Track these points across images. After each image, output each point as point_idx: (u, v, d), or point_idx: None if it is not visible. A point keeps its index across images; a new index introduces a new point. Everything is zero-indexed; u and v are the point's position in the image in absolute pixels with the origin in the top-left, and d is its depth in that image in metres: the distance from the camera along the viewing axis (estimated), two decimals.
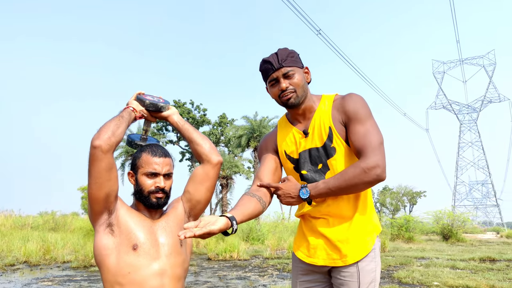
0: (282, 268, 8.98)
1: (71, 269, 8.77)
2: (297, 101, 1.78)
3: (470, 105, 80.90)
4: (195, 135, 1.90)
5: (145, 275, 1.63)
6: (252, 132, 23.16)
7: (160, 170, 1.73)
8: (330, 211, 1.76)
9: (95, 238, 1.68)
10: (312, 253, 1.80)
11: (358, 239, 1.72)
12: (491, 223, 73.88)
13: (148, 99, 1.85)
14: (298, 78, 1.78)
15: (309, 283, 1.85)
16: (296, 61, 1.81)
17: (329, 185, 1.65)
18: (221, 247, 11.56)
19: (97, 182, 1.60)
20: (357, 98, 1.76)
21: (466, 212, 23.45)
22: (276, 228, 20.19)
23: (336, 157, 1.76)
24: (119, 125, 1.65)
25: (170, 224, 1.77)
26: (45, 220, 18.85)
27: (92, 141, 1.58)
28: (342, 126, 1.75)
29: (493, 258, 11.19)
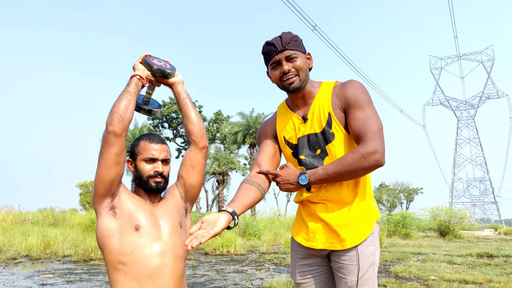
0: (279, 263, 9.05)
1: (72, 263, 8.84)
2: (299, 85, 1.78)
3: (467, 102, 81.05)
4: (192, 113, 1.93)
5: (147, 255, 1.69)
6: (247, 129, 23.18)
7: (158, 156, 1.82)
8: (329, 196, 1.79)
9: (97, 221, 1.74)
10: (311, 237, 1.83)
11: (357, 224, 1.74)
12: (489, 220, 74.20)
13: (156, 64, 1.84)
14: (301, 62, 1.79)
15: (308, 266, 1.88)
16: (299, 46, 1.81)
17: (328, 171, 1.67)
18: (218, 242, 11.63)
19: (107, 164, 1.67)
20: (357, 85, 1.77)
21: (464, 209, 23.57)
22: (272, 224, 20.27)
23: (334, 142, 1.77)
24: (128, 105, 1.72)
25: (169, 207, 1.84)
26: (45, 216, 18.90)
27: (106, 126, 1.67)
28: (341, 112, 1.76)
29: (490, 254, 11.25)
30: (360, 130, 1.67)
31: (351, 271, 1.72)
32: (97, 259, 9.39)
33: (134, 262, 1.67)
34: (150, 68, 1.84)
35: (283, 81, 1.80)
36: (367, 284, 1.72)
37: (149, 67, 1.84)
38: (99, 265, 8.44)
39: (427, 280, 6.50)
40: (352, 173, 1.64)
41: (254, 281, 6.64)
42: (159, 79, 1.91)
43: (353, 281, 1.72)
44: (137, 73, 1.82)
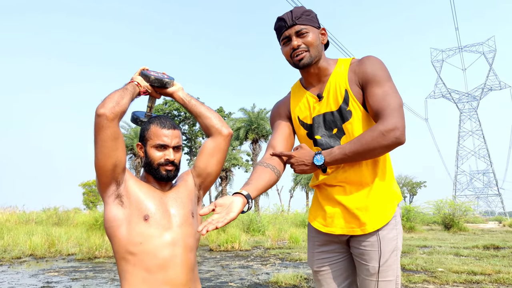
0: (284, 257, 9.01)
1: (76, 261, 8.81)
2: (309, 61, 1.71)
3: (470, 94, 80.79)
4: (203, 109, 1.88)
5: (157, 245, 1.62)
6: (250, 124, 23.12)
7: (169, 142, 1.72)
8: (347, 178, 1.70)
9: (104, 210, 1.67)
10: (329, 222, 1.75)
11: (377, 207, 1.66)
12: (493, 212, 74.08)
13: (153, 75, 1.81)
14: (312, 37, 1.71)
15: (327, 253, 1.80)
16: (312, 20, 1.73)
17: (345, 151, 1.58)
18: (223, 238, 11.61)
19: (103, 151, 1.58)
20: (375, 60, 1.68)
21: (468, 202, 23.48)
22: (276, 219, 20.26)
23: (351, 121, 1.68)
24: (123, 96, 1.63)
25: (180, 196, 1.76)
26: (49, 216, 18.92)
27: (96, 109, 1.56)
28: (358, 88, 1.68)
29: (497, 246, 11.21)
30: (379, 107, 1.58)
31: (372, 257, 1.64)
32: (102, 256, 9.37)
33: (144, 252, 1.61)
34: (148, 78, 1.79)
35: (293, 58, 1.73)
36: (391, 270, 1.65)
37: (147, 78, 1.80)
38: (104, 263, 8.41)
39: (435, 272, 6.45)
40: (371, 152, 1.56)
41: (260, 276, 6.60)
42: (158, 90, 1.86)
43: (375, 268, 1.64)
44: (135, 80, 1.77)
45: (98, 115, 1.55)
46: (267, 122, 22.86)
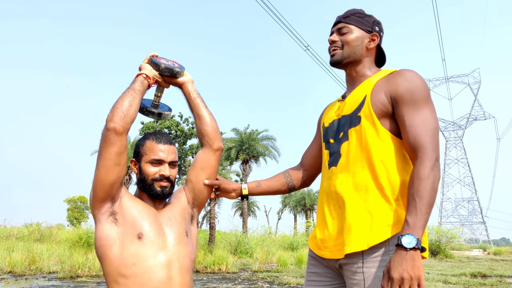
0: (273, 281, 8.85)
1: (57, 280, 8.53)
2: (339, 58, 1.65)
3: (455, 122, 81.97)
4: (205, 112, 1.82)
5: (151, 266, 1.53)
6: (241, 145, 23.09)
7: (165, 158, 1.67)
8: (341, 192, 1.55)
9: (96, 228, 1.59)
10: (321, 244, 1.61)
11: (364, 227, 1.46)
12: (477, 240, 74.32)
13: (163, 63, 1.74)
14: (352, 37, 1.65)
15: (318, 276, 1.63)
16: (361, 22, 1.67)
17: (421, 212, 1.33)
18: (209, 259, 11.41)
19: (106, 164, 1.53)
20: (416, 76, 1.50)
21: (454, 229, 23.56)
22: (263, 242, 20.03)
23: (358, 128, 1.53)
24: (132, 102, 1.59)
25: (174, 214, 1.69)
26: (31, 231, 18.43)
27: (106, 122, 1.52)
28: (385, 98, 1.51)
29: (484, 274, 11.18)
30: (417, 136, 1.43)
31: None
32: (85, 276, 9.10)
33: (137, 274, 1.51)
34: (158, 67, 1.73)
35: (330, 54, 1.70)
36: None
37: (156, 67, 1.73)
38: (87, 282, 8.16)
39: None
40: (435, 193, 1.37)
41: None
42: (167, 79, 1.79)
43: None
44: (143, 72, 1.71)
45: (107, 129, 1.51)
46: (258, 143, 22.85)
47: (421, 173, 1.36)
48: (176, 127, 40.49)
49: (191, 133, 42.04)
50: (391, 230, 1.42)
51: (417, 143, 1.42)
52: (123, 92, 1.62)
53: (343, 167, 1.56)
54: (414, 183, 1.36)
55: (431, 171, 1.36)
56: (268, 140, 23.51)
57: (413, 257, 1.27)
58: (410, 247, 1.27)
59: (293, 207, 44.34)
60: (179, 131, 40.24)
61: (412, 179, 1.38)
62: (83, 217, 46.87)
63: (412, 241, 1.28)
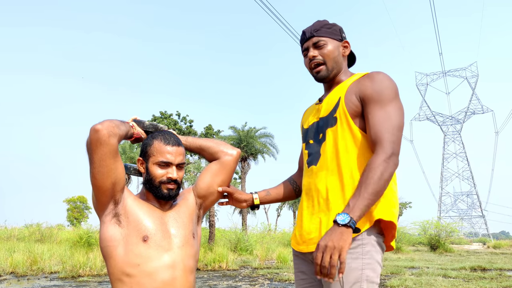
0: (273, 278, 8.89)
1: (59, 279, 8.56)
2: (326, 74, 1.71)
3: (453, 117, 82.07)
4: (202, 141, 1.84)
5: (156, 267, 1.55)
6: (239, 143, 23.10)
7: (173, 160, 1.63)
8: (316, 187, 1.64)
9: (100, 229, 1.60)
10: (300, 240, 1.67)
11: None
12: (477, 234, 74.53)
13: (146, 121, 1.77)
14: (330, 49, 1.70)
15: (304, 274, 1.70)
16: (332, 33, 1.72)
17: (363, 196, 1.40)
18: (210, 257, 11.44)
19: (101, 171, 1.49)
20: (384, 77, 1.59)
21: (453, 223, 23.64)
22: (263, 239, 20.08)
23: (334, 128, 1.62)
24: (122, 124, 1.59)
25: (181, 215, 1.69)
26: (31, 232, 18.43)
27: (93, 126, 1.46)
28: (356, 99, 1.60)
29: (483, 267, 11.25)
30: (378, 131, 1.51)
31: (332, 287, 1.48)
32: (86, 275, 9.13)
33: (142, 274, 1.53)
34: (142, 125, 1.75)
35: (312, 69, 1.74)
36: None
37: (141, 124, 1.75)
38: (88, 282, 8.19)
39: None
40: (386, 184, 1.44)
41: None
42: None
43: None
44: (130, 122, 1.71)
45: (95, 130, 1.45)
46: (257, 141, 22.87)
47: (373, 163, 1.44)
48: (174, 126, 40.43)
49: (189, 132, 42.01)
50: (365, 224, 1.50)
51: (377, 138, 1.50)
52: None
53: (322, 165, 1.64)
54: (364, 172, 1.45)
55: (382, 162, 1.43)
56: (266, 137, 23.55)
57: (342, 232, 1.35)
58: (342, 223, 1.36)
59: (292, 204, 44.41)
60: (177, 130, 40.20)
61: (364, 168, 1.46)
62: (83, 217, 46.86)
63: (346, 219, 1.36)
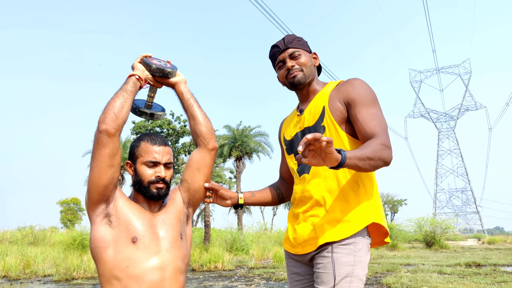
0: (269, 277, 8.85)
1: (53, 283, 8.47)
2: (303, 80, 1.78)
3: (447, 113, 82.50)
4: (198, 113, 1.82)
5: (145, 269, 1.55)
6: (234, 142, 23.04)
7: (160, 159, 1.66)
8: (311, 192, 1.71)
9: (91, 229, 1.59)
10: (294, 242, 1.77)
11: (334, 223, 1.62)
12: (472, 230, 74.97)
13: (155, 64, 1.73)
14: (305, 59, 1.80)
15: (298, 276, 1.79)
16: (303, 45, 1.83)
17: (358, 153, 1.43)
18: (205, 257, 11.39)
19: (99, 166, 1.53)
20: (363, 83, 1.71)
21: (448, 219, 23.73)
22: (259, 238, 20.04)
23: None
24: (124, 104, 1.59)
25: (169, 217, 1.69)
26: (24, 235, 18.27)
27: (98, 124, 1.53)
28: (341, 105, 1.68)
29: (478, 263, 11.29)
30: (370, 128, 1.59)
31: (323, 280, 1.55)
32: (80, 278, 9.05)
33: (130, 277, 1.52)
34: (149, 67, 1.73)
35: (288, 78, 1.80)
36: None
37: (148, 67, 1.73)
38: (82, 284, 8.11)
39: None
40: (375, 162, 1.48)
41: None
42: (159, 80, 1.79)
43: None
44: (135, 73, 1.71)
45: (99, 131, 1.52)
46: (251, 140, 22.80)
47: (373, 141, 1.52)
48: (168, 126, 40.28)
49: (183, 131, 41.88)
50: (359, 225, 1.60)
51: (371, 132, 1.58)
52: (115, 93, 1.62)
53: (314, 173, 1.70)
54: (368, 142, 1.52)
55: (380, 144, 1.50)
56: (261, 136, 23.50)
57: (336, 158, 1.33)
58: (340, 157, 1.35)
59: (288, 203, 44.36)
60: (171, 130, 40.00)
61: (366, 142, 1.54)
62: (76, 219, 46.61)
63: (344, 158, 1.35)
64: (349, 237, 1.59)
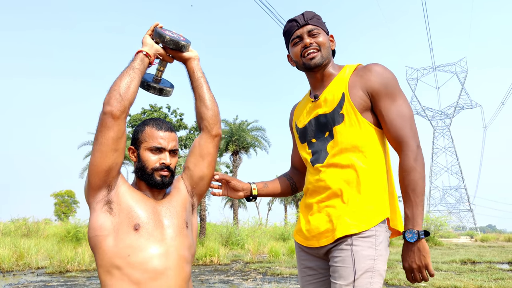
0: (265, 272, 8.81)
1: (46, 275, 8.39)
2: (320, 61, 1.66)
3: (443, 111, 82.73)
4: (207, 95, 1.72)
5: (147, 257, 1.45)
6: (230, 136, 22.92)
7: (165, 145, 1.57)
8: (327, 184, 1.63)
9: (90, 217, 1.50)
10: (309, 235, 1.66)
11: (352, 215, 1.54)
12: (465, 227, 75.43)
13: (168, 35, 1.62)
14: (324, 39, 1.68)
15: (311, 270, 1.68)
16: (322, 24, 1.73)
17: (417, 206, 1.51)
18: (201, 251, 11.35)
19: (102, 149, 1.44)
20: (385, 70, 1.61)
21: (442, 216, 23.81)
22: (254, 233, 20.02)
23: (342, 125, 1.59)
24: (130, 83, 1.49)
25: (174, 205, 1.60)
26: (17, 226, 18.09)
27: (103, 105, 1.43)
28: (363, 94, 1.59)
29: (473, 260, 11.34)
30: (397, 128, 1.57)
31: (342, 274, 1.45)
32: (74, 270, 8.96)
33: (132, 265, 1.43)
34: (162, 38, 1.61)
35: (304, 57, 1.67)
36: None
37: (161, 38, 1.62)
38: (76, 277, 8.02)
39: (418, 287, 6.38)
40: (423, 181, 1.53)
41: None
42: (171, 53, 1.68)
43: (342, 287, 1.44)
44: (143, 49, 1.59)
45: (104, 112, 1.43)
46: (248, 134, 22.66)
47: (407, 166, 1.52)
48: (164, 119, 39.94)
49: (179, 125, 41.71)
50: (379, 217, 1.52)
51: (398, 136, 1.56)
52: (121, 72, 1.52)
53: (330, 163, 1.61)
54: (404, 177, 1.52)
55: (415, 162, 1.51)
56: (258, 131, 23.39)
57: (418, 249, 1.47)
58: (413, 241, 1.46)
59: (283, 198, 44.46)
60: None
61: (401, 173, 1.53)
62: (70, 211, 46.38)
63: (414, 235, 1.46)
64: (369, 229, 1.50)
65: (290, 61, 1.81)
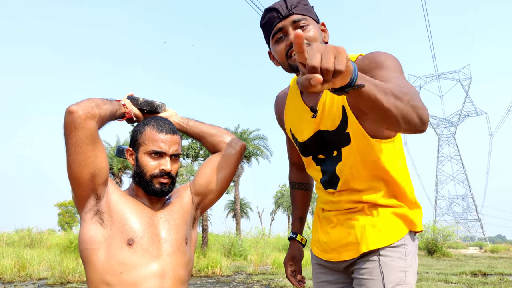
0: (268, 284, 8.63)
1: (47, 286, 8.26)
2: None
3: (447, 119, 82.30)
4: (205, 127, 1.64)
5: (142, 276, 1.33)
6: None
7: (166, 150, 1.44)
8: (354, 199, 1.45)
9: (80, 228, 1.38)
10: (328, 248, 1.52)
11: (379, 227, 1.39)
12: (473, 238, 74.51)
13: (142, 98, 1.57)
14: (314, 31, 1.33)
15: (330, 284, 1.54)
16: (311, 11, 1.38)
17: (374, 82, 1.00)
18: (203, 262, 11.18)
19: (77, 159, 1.29)
20: (386, 53, 1.29)
21: (449, 226, 23.48)
22: (257, 243, 19.83)
23: (349, 148, 1.37)
24: (105, 103, 1.37)
25: (174, 216, 1.47)
26: (21, 237, 18.03)
27: (68, 106, 1.28)
28: None
29: (484, 272, 11.05)
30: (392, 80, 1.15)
31: (369, 287, 1.32)
32: (75, 281, 8.82)
33: (124, 285, 1.31)
34: (136, 102, 1.55)
35: (291, 57, 1.33)
36: None
37: (135, 101, 1.55)
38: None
39: None
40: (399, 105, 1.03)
41: None
42: (147, 116, 1.59)
43: None
44: (122, 100, 1.52)
45: (69, 111, 1.26)
46: (250, 143, 22.55)
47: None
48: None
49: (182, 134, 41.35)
50: (405, 231, 1.39)
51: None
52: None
53: (345, 188, 1.44)
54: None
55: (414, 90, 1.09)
56: (259, 139, 23.27)
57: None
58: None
59: (287, 208, 44.10)
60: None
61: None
62: (74, 222, 46.28)
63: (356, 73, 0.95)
64: (397, 241, 1.37)
65: (272, 60, 1.49)
